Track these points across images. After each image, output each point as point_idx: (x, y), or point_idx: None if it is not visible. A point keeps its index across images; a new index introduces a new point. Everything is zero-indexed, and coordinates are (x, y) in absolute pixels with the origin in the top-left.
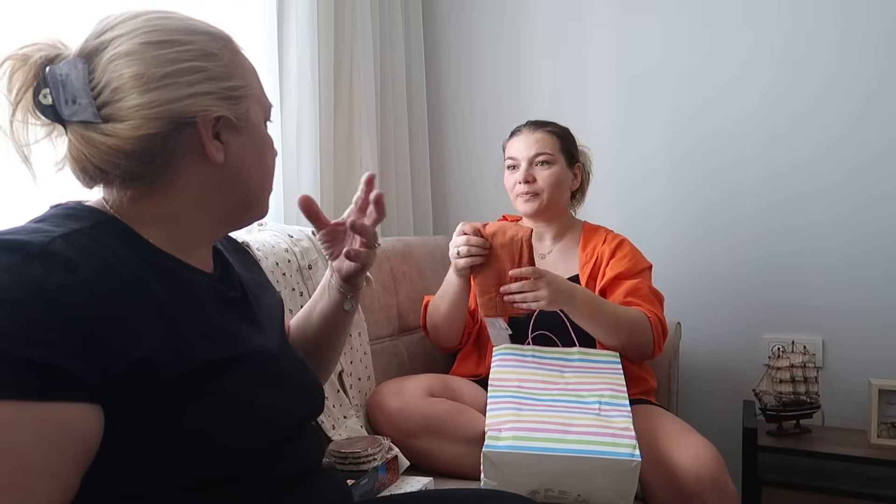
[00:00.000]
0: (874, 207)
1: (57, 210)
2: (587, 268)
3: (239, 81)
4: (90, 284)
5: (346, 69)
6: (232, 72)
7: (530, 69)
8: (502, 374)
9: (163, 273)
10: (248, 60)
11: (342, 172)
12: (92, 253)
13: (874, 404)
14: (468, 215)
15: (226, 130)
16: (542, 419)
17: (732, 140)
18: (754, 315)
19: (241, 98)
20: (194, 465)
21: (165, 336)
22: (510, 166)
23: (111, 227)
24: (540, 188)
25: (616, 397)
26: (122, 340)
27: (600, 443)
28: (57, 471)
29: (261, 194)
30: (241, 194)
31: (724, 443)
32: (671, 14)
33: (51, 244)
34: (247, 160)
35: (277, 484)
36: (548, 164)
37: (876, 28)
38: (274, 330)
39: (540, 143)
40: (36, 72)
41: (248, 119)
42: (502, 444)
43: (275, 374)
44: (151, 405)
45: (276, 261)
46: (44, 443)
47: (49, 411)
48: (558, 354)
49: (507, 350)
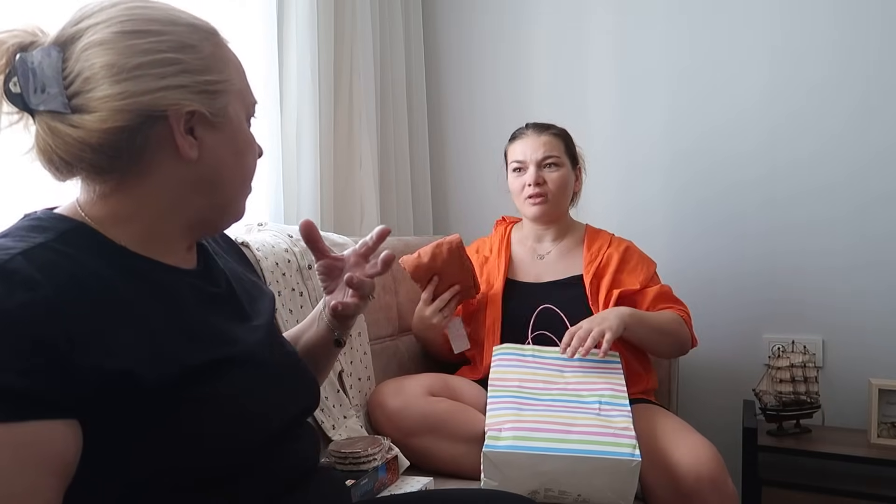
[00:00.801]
0: (874, 207)
1: (23, 221)
2: (591, 266)
3: (218, 76)
4: (51, 301)
5: (346, 69)
6: (211, 65)
7: (530, 69)
8: (503, 374)
9: (136, 278)
10: (233, 55)
11: (342, 172)
12: (55, 267)
13: (874, 404)
14: (468, 215)
15: (201, 126)
16: (543, 419)
17: (732, 140)
18: (754, 315)
19: (219, 93)
20: (191, 467)
21: (142, 344)
22: (516, 169)
23: (79, 235)
24: (549, 190)
25: (616, 397)
26: (92, 354)
27: (601, 442)
28: (36, 490)
29: (238, 195)
30: (217, 194)
31: (724, 443)
32: (671, 14)
33: (9, 262)
34: (223, 158)
35: (276, 484)
36: (556, 166)
37: (876, 28)
38: (264, 326)
39: (547, 146)
40: (8, 59)
41: (226, 115)
42: (502, 443)
43: (265, 372)
44: (140, 412)
45: (276, 261)
46: (21, 463)
47: (23, 431)
48: (558, 354)
49: (508, 350)
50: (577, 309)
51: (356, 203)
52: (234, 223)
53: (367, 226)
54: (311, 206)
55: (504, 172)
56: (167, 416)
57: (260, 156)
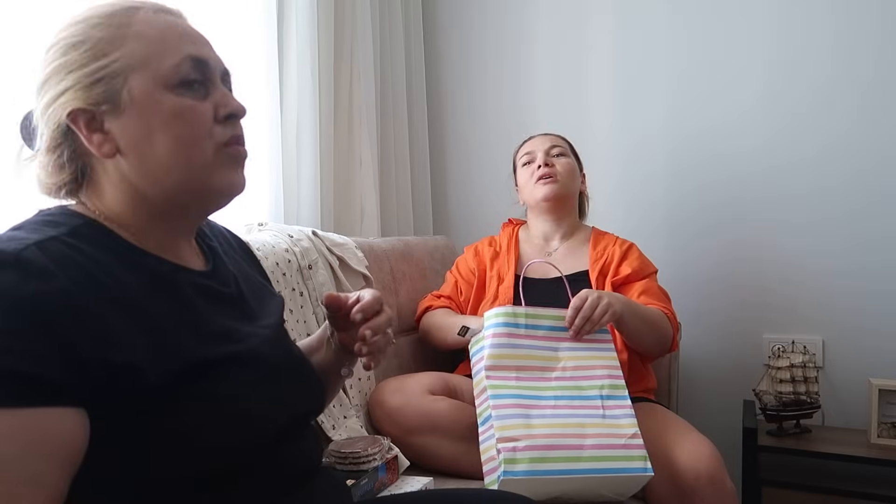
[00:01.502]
0: (875, 207)
1: (36, 217)
2: (597, 264)
3: (106, 59)
4: (65, 292)
5: (346, 69)
6: (99, 51)
7: (530, 69)
8: (499, 361)
9: (145, 274)
10: (144, 25)
11: (342, 172)
12: (67, 260)
13: (874, 404)
14: (468, 215)
15: (109, 118)
16: (554, 431)
17: (732, 140)
18: (754, 315)
19: (110, 77)
20: (193, 466)
21: (149, 340)
22: (526, 161)
23: (90, 231)
24: (558, 171)
25: (615, 386)
26: (100, 347)
27: (614, 458)
28: (42, 478)
29: (190, 170)
30: (165, 178)
31: (724, 442)
32: (671, 15)
33: (24, 251)
34: (140, 141)
35: (277, 484)
36: (563, 155)
37: (876, 29)
38: (272, 326)
39: (553, 140)
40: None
41: (129, 96)
42: (520, 468)
43: (270, 373)
44: (143, 408)
45: (276, 261)
46: (28, 450)
47: (31, 417)
48: (552, 321)
49: (501, 319)
50: None
51: (356, 203)
52: (226, 199)
53: (367, 226)
54: (311, 206)
55: (508, 180)
56: (170, 414)
57: (234, 116)
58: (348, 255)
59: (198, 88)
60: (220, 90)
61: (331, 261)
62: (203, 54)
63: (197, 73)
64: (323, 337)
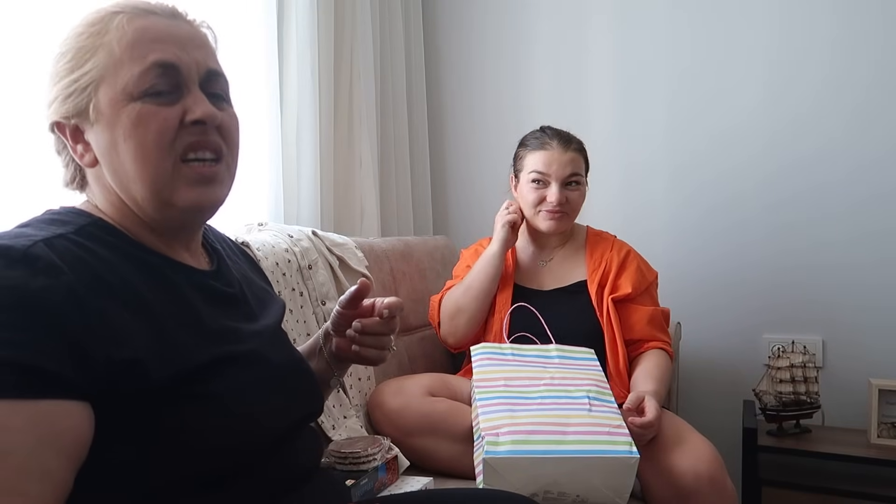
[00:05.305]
0: (875, 208)
1: (43, 216)
2: (595, 275)
3: (79, 71)
4: (72, 288)
5: (346, 69)
6: (76, 63)
7: (530, 69)
8: (486, 374)
9: (149, 273)
10: (118, 32)
11: (342, 172)
12: (74, 257)
13: (874, 404)
14: (468, 215)
15: (87, 129)
16: (538, 419)
17: (732, 140)
18: (754, 315)
19: (80, 90)
20: (193, 467)
21: (152, 338)
22: (537, 181)
23: (96, 230)
24: (570, 209)
25: (602, 393)
26: (105, 343)
27: (598, 441)
28: (50, 469)
29: (148, 183)
30: (131, 189)
31: (724, 443)
32: (671, 16)
33: (32, 248)
34: (110, 151)
35: (277, 484)
36: (577, 184)
37: (877, 29)
38: (271, 328)
39: (573, 164)
40: None
41: (97, 107)
42: (502, 448)
43: (270, 374)
44: (145, 406)
45: (276, 261)
46: (36, 441)
47: (41, 409)
48: (537, 352)
49: (486, 349)
50: (585, 317)
51: (356, 203)
52: (198, 215)
53: (366, 226)
54: (311, 206)
55: (508, 175)
56: (171, 413)
57: (196, 121)
58: (348, 255)
59: (166, 95)
60: (194, 95)
61: (331, 261)
62: (171, 59)
63: (164, 79)
64: (315, 346)
